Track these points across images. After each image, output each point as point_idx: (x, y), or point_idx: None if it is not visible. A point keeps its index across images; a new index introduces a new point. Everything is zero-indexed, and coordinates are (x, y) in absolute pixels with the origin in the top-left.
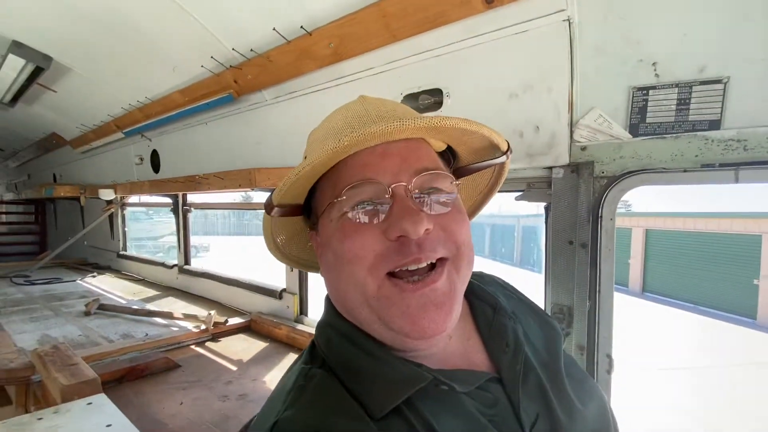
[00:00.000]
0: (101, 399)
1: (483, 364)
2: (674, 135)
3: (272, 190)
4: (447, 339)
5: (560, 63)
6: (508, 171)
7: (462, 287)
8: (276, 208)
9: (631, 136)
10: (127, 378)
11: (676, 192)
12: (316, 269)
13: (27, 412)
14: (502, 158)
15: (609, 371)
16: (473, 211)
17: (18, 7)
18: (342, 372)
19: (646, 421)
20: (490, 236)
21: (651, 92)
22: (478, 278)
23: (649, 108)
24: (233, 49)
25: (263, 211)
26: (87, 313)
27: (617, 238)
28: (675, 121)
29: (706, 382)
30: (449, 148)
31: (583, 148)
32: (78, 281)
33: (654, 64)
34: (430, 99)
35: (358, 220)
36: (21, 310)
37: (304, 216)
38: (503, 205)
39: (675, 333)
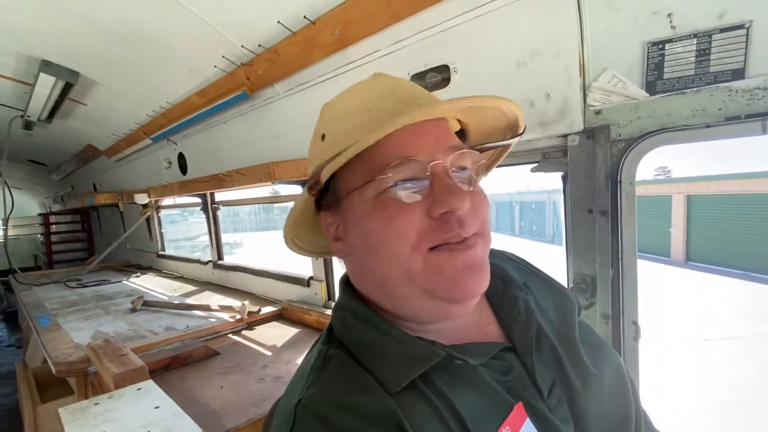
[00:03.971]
0: (149, 385)
1: (496, 335)
2: (695, 89)
3: (291, 182)
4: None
5: (568, 25)
6: (522, 142)
7: (488, 260)
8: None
9: (648, 95)
10: (171, 366)
11: (718, 154)
12: (316, 254)
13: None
14: (515, 140)
15: (636, 338)
16: None
17: (43, 27)
18: (358, 351)
19: (697, 395)
20: (520, 214)
21: (668, 46)
22: (489, 254)
23: (666, 63)
24: (242, 46)
25: (287, 204)
26: (133, 310)
27: (655, 206)
28: (695, 75)
29: (759, 351)
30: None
31: (598, 112)
32: (124, 281)
33: (669, 15)
34: (438, 76)
35: (399, 199)
36: (75, 310)
37: (310, 196)
38: (532, 182)
39: (723, 302)
